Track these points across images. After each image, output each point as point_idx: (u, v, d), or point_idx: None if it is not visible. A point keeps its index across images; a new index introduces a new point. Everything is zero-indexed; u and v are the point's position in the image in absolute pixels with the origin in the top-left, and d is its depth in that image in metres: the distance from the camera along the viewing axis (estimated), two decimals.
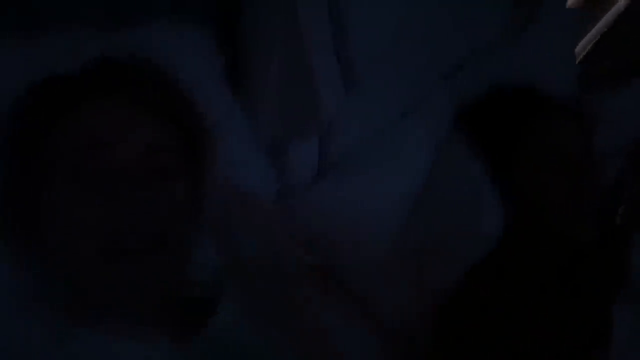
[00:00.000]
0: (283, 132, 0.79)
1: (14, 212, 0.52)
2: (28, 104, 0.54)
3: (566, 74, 0.99)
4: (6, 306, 0.50)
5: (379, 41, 0.82)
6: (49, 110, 0.53)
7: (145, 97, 0.56)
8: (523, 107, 0.81)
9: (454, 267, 0.73)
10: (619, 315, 0.69)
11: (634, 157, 0.89)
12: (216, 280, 0.61)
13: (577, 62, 1.06)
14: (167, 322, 0.53)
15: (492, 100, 0.84)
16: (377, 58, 0.82)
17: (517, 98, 0.83)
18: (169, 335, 0.52)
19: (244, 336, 0.55)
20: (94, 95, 0.53)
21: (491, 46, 0.95)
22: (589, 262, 0.75)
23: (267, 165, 0.80)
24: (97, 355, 0.48)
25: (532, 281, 0.70)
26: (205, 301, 0.57)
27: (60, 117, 0.52)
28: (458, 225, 0.75)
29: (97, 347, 0.48)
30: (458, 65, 0.92)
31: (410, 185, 0.81)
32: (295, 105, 0.77)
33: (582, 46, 1.21)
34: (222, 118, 0.74)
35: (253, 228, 0.70)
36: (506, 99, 0.83)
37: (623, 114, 0.93)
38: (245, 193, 0.71)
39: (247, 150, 0.78)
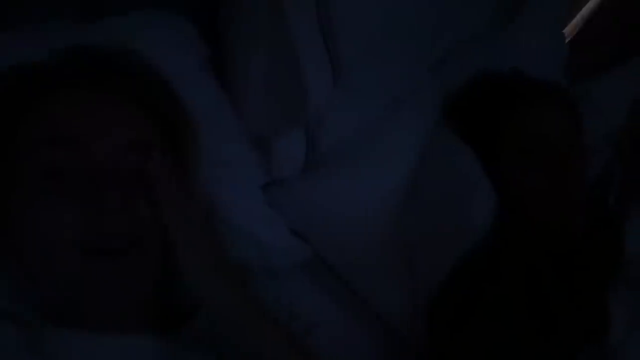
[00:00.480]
0: (270, 124, 0.77)
1: None
2: None
3: (554, 62, 0.99)
4: None
5: (367, 32, 0.80)
6: (17, 100, 0.50)
7: (126, 89, 0.53)
8: (507, 94, 0.80)
9: (446, 257, 0.71)
10: (616, 302, 0.68)
11: (622, 144, 0.89)
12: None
13: (566, 50, 1.05)
14: (151, 317, 0.51)
15: (477, 88, 0.83)
16: (365, 49, 0.80)
17: (502, 85, 0.82)
18: (154, 329, 0.50)
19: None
20: (66, 86, 0.50)
21: (478, 36, 0.94)
22: (582, 250, 0.75)
23: (254, 159, 0.78)
24: (77, 353, 0.46)
25: (525, 271, 0.69)
26: (191, 297, 0.55)
27: (29, 108, 0.50)
28: (449, 216, 0.74)
29: (77, 344, 0.47)
30: (445, 56, 0.91)
31: (400, 177, 0.80)
32: (283, 96, 0.75)
33: (566, 33, 1.21)
34: (207, 111, 0.72)
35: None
36: (491, 86, 0.82)
37: (610, 101, 0.92)
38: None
39: (233, 144, 0.76)
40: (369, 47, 0.80)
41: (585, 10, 1.22)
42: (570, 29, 1.21)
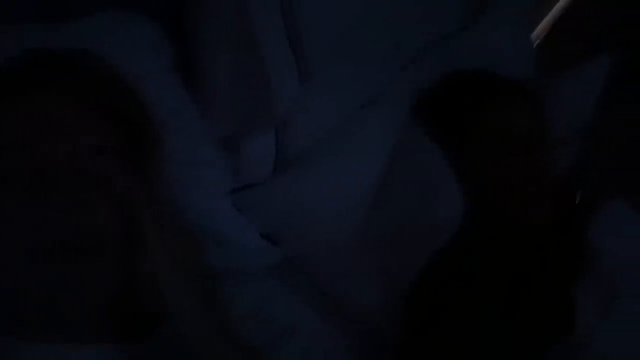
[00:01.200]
0: (237, 126, 0.77)
1: None
2: None
3: (523, 59, 1.00)
4: None
5: (334, 32, 0.81)
6: None
7: (86, 93, 0.52)
8: (474, 91, 0.80)
9: (416, 255, 0.72)
10: (583, 294, 0.70)
11: (589, 140, 0.90)
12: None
13: (534, 46, 1.07)
14: (113, 326, 0.50)
15: (445, 86, 0.84)
16: (333, 49, 0.80)
17: (469, 82, 0.82)
18: (116, 339, 0.50)
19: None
20: (25, 90, 0.50)
21: (448, 35, 0.95)
22: (549, 244, 0.76)
23: (223, 162, 0.77)
24: None
25: (494, 265, 0.70)
26: (155, 306, 0.54)
27: None
28: (417, 214, 0.74)
29: (32, 355, 0.46)
30: (415, 55, 0.91)
31: (371, 177, 0.80)
32: (249, 98, 0.75)
33: (539, 31, 1.23)
34: (174, 113, 0.72)
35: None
36: (458, 84, 0.83)
37: (577, 97, 0.94)
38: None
39: (201, 146, 0.75)
40: (337, 46, 0.80)
41: (556, 9, 1.24)
42: (542, 28, 1.24)
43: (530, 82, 0.87)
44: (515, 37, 0.98)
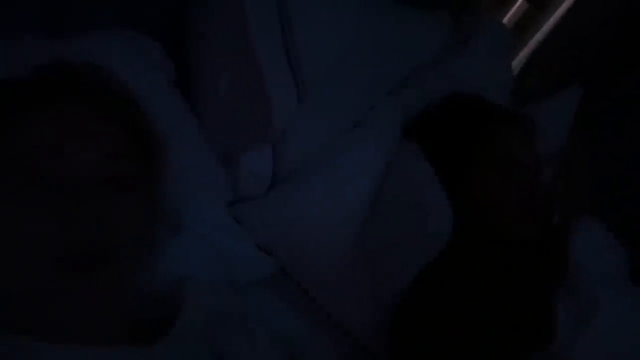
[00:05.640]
0: (236, 142, 0.79)
1: None
2: None
3: (501, 87, 1.05)
4: None
5: (328, 55, 0.84)
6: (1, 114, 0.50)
7: (103, 104, 0.54)
8: (477, 117, 0.85)
9: (407, 268, 0.74)
10: (562, 309, 0.73)
11: (564, 164, 0.95)
12: (175, 293, 0.59)
13: (511, 78, 1.13)
14: (124, 330, 0.51)
15: (443, 108, 0.88)
16: (327, 70, 0.84)
17: (470, 109, 0.87)
18: (126, 342, 0.50)
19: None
20: (49, 100, 0.51)
21: (431, 64, 1.00)
22: (533, 259, 0.79)
23: (221, 174, 0.79)
24: None
25: (481, 279, 0.73)
26: (164, 314, 0.55)
27: (13, 121, 0.49)
28: (410, 228, 0.77)
29: (46, 356, 0.46)
30: (403, 81, 0.96)
31: (364, 193, 0.83)
32: (248, 115, 0.77)
33: (516, 64, 1.30)
34: (174, 127, 0.74)
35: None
36: (459, 110, 0.87)
37: (552, 125, 0.99)
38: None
39: (200, 158, 0.77)
40: (331, 69, 0.84)
41: (529, 47, 1.32)
42: (519, 59, 1.31)
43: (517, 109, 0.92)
44: (495, 67, 1.04)
